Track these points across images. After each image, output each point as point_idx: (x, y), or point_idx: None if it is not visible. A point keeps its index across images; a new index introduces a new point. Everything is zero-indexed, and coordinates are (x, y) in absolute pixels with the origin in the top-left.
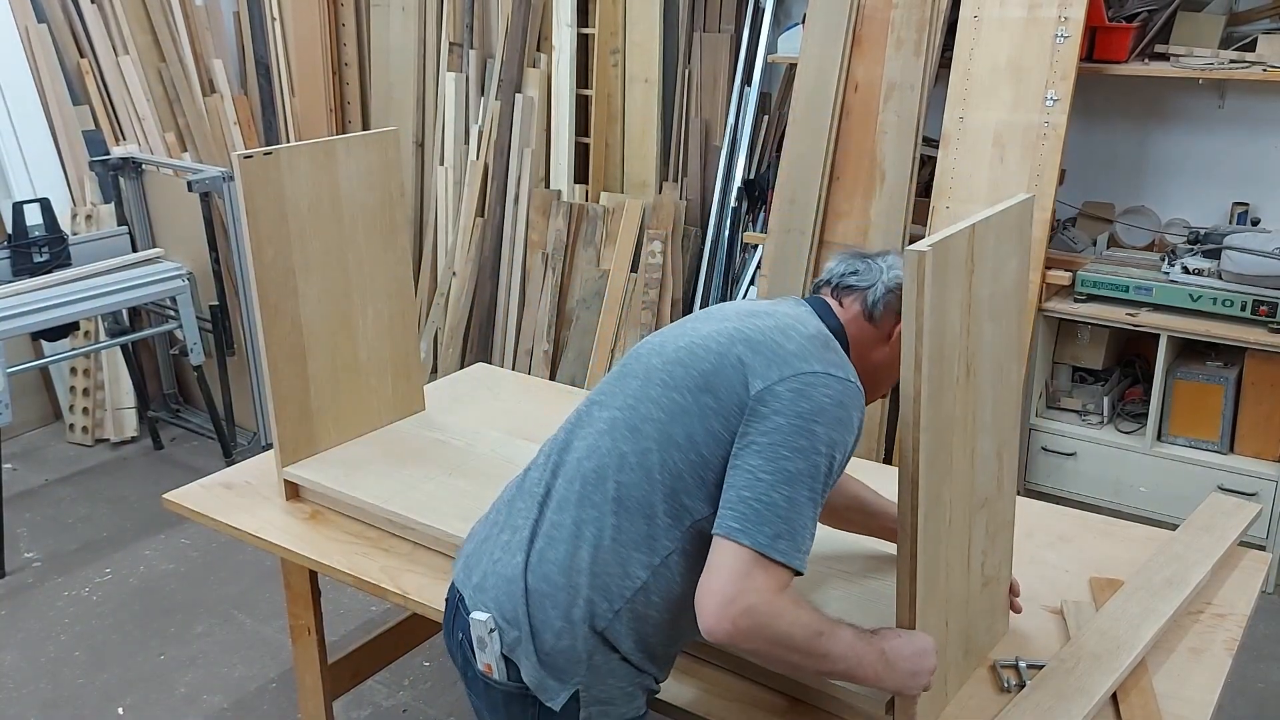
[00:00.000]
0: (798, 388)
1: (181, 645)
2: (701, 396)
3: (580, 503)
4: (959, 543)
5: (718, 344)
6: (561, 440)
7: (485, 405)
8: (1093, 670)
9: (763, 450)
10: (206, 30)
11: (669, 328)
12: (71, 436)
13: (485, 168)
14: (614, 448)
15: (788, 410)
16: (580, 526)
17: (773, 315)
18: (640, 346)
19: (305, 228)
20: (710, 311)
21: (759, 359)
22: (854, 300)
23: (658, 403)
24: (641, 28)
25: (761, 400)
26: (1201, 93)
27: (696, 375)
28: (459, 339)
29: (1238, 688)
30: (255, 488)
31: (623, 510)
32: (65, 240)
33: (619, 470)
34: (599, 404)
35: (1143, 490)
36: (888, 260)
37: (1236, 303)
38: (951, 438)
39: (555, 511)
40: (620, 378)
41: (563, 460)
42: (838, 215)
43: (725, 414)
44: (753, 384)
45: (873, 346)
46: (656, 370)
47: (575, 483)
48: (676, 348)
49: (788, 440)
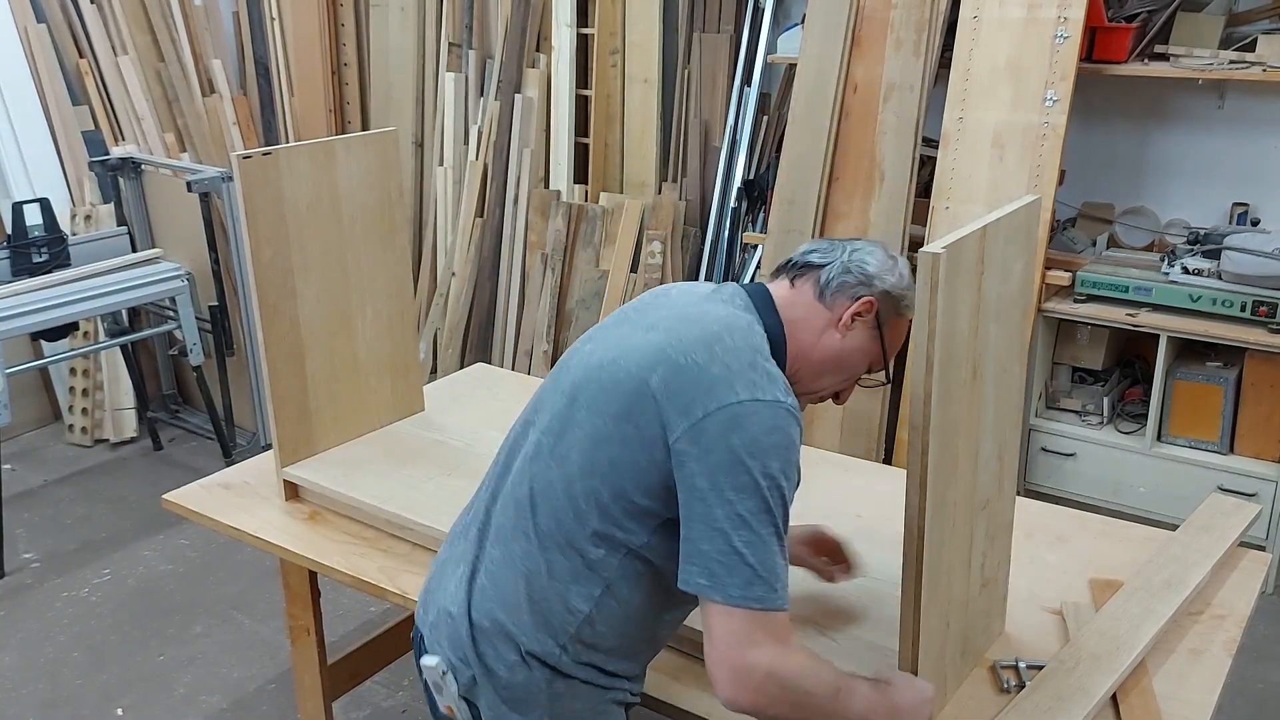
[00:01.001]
0: (725, 421)
1: (180, 646)
2: (622, 425)
3: (514, 535)
4: (961, 544)
5: (639, 366)
6: (501, 463)
7: (485, 405)
8: (1093, 671)
9: (708, 497)
10: (206, 30)
11: (607, 323)
12: (71, 437)
13: (485, 168)
14: (542, 474)
15: (719, 447)
16: (516, 560)
17: (702, 320)
18: (576, 349)
19: (304, 228)
20: (647, 304)
21: (679, 389)
22: (807, 279)
23: (581, 427)
24: (641, 28)
25: (690, 439)
26: (1201, 93)
27: (618, 401)
28: (458, 339)
29: (1237, 688)
30: (254, 488)
31: (553, 543)
32: (65, 240)
33: (547, 499)
34: (532, 424)
35: (1142, 491)
36: (855, 244)
37: (1236, 303)
38: (957, 439)
39: (494, 544)
40: (552, 391)
41: (500, 487)
42: (837, 216)
43: (647, 444)
44: (674, 421)
45: (820, 332)
46: (581, 389)
47: (509, 512)
48: (601, 363)
49: (730, 480)
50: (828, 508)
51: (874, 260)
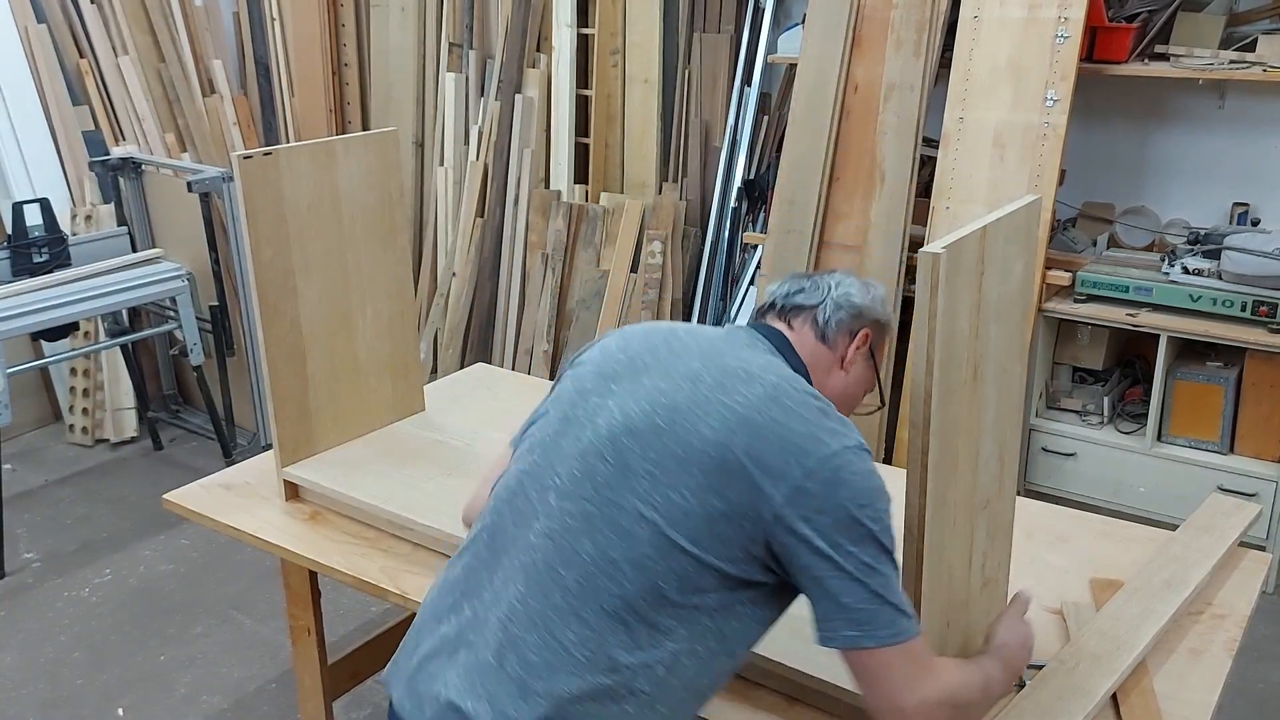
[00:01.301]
0: (827, 478)
1: (181, 646)
2: (707, 497)
3: (566, 618)
4: (961, 544)
5: (714, 431)
6: (508, 531)
7: (485, 406)
8: (1093, 671)
9: (832, 556)
10: (206, 30)
11: (615, 370)
12: (71, 437)
13: (485, 168)
14: (600, 554)
15: (829, 507)
16: (571, 649)
17: (752, 370)
18: (596, 403)
19: (304, 228)
20: (660, 350)
21: (767, 452)
22: (804, 321)
23: (648, 499)
24: (641, 28)
25: (794, 503)
26: (1201, 93)
27: (698, 473)
28: (459, 339)
29: (1238, 688)
30: (255, 488)
31: (618, 623)
32: (65, 240)
33: (612, 579)
34: (556, 490)
35: (1142, 491)
36: (834, 277)
37: (1236, 303)
38: (957, 440)
39: (527, 629)
40: (574, 451)
41: (517, 561)
42: (837, 216)
43: (738, 516)
44: (770, 488)
45: (828, 372)
46: (634, 455)
47: (554, 594)
48: (654, 427)
49: (848, 536)
50: None
51: (857, 291)
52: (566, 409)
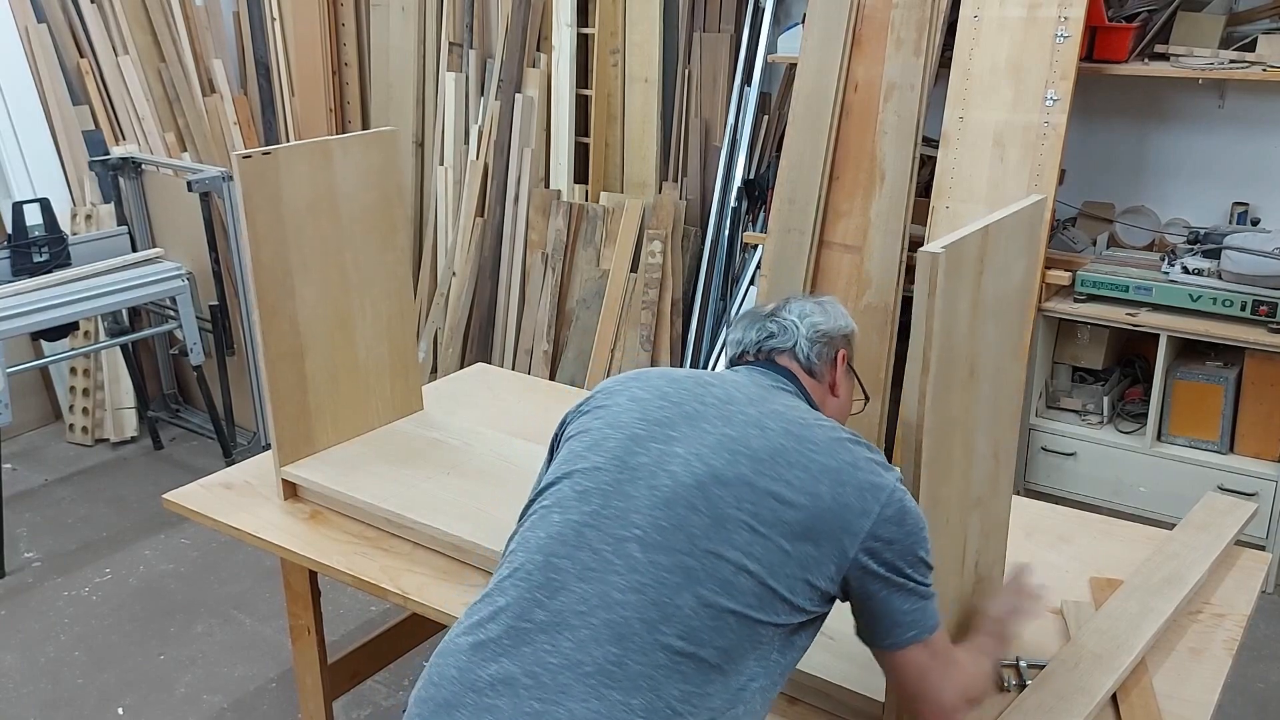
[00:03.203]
0: (894, 513)
1: (181, 645)
2: (801, 545)
3: (671, 676)
4: (954, 542)
5: (801, 481)
6: (571, 588)
7: (484, 405)
8: (1093, 670)
9: (897, 576)
10: (206, 30)
11: (668, 417)
12: (71, 436)
13: (485, 167)
14: (703, 606)
15: (897, 534)
16: (676, 706)
17: (801, 414)
18: (659, 450)
19: (304, 228)
20: (707, 400)
21: (846, 495)
22: (788, 360)
23: (749, 552)
24: (641, 28)
25: (874, 536)
26: (1201, 93)
27: (793, 522)
28: (459, 339)
29: (1238, 688)
30: (255, 488)
31: (719, 672)
32: (65, 240)
33: (717, 632)
34: (640, 541)
35: (1142, 490)
36: (791, 311)
37: (1236, 303)
38: (952, 438)
39: (630, 693)
40: (667, 506)
41: (597, 620)
42: (837, 215)
43: (825, 561)
44: (853, 526)
45: (823, 399)
46: (730, 508)
47: (656, 653)
48: (741, 477)
49: (908, 560)
50: None
51: (819, 317)
52: (622, 455)
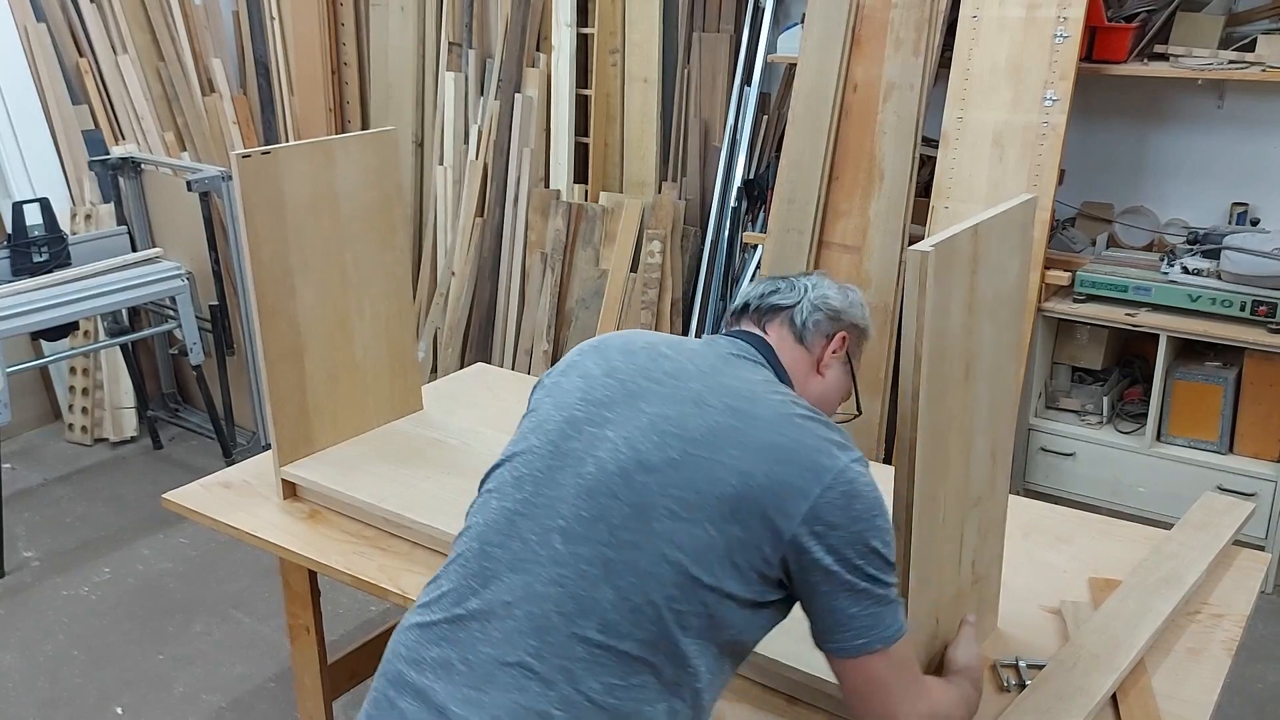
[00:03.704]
0: (841, 494)
1: (180, 645)
2: (729, 528)
3: (592, 669)
4: (951, 541)
5: (734, 460)
6: (503, 579)
7: (484, 405)
8: (1092, 670)
9: (843, 569)
10: (205, 30)
11: (607, 396)
12: (70, 436)
13: (485, 168)
14: (623, 600)
15: (844, 519)
16: (597, 700)
17: (754, 385)
18: (592, 432)
19: (303, 227)
20: (650, 370)
21: (786, 474)
22: (780, 322)
23: (671, 540)
24: (641, 28)
25: (813, 520)
26: (1200, 93)
27: (719, 505)
28: (458, 339)
29: (1237, 688)
30: (254, 487)
31: (648, 666)
32: (65, 240)
33: (637, 624)
34: (562, 533)
35: (1142, 490)
36: (810, 279)
37: (1236, 303)
38: (948, 437)
39: (548, 685)
40: (574, 486)
41: (521, 612)
42: (837, 215)
43: (756, 544)
44: (790, 508)
45: (806, 376)
46: (653, 495)
47: (575, 647)
48: (668, 461)
49: (859, 549)
50: None
51: (834, 294)
52: (557, 440)
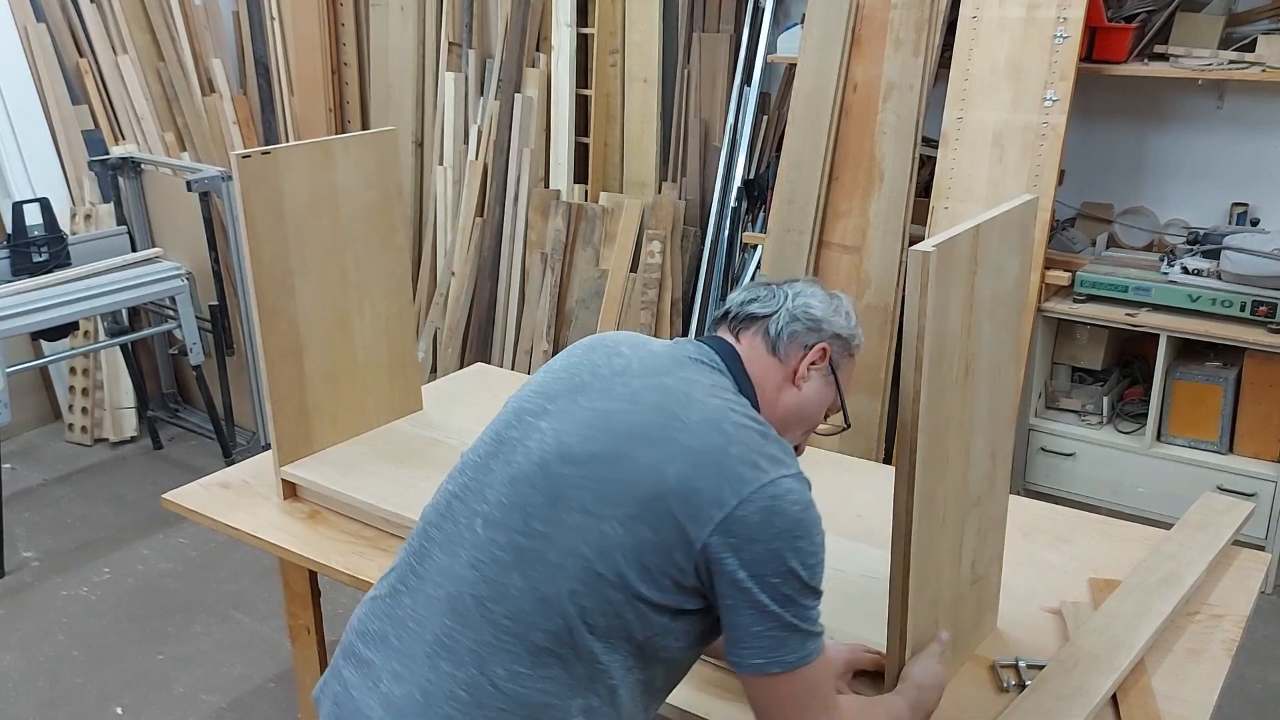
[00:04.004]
0: (763, 506)
1: (180, 645)
2: (637, 529)
3: (499, 655)
4: (951, 541)
5: (649, 460)
6: (434, 558)
7: (483, 405)
8: (1092, 670)
9: (751, 588)
10: (205, 30)
11: (555, 389)
12: (70, 436)
13: (484, 168)
14: (531, 589)
15: (762, 535)
16: (501, 686)
17: (693, 392)
18: (530, 423)
19: (303, 227)
20: (601, 367)
21: (702, 480)
22: (755, 332)
23: (580, 534)
24: (641, 28)
25: (725, 532)
26: (1200, 93)
27: (628, 502)
28: (458, 339)
29: (1237, 688)
30: (254, 487)
31: (556, 659)
32: (65, 240)
33: (544, 615)
34: (484, 518)
35: (1142, 491)
36: (794, 287)
37: (1236, 303)
38: (948, 437)
39: (456, 666)
40: (504, 474)
41: (442, 592)
42: (837, 215)
43: (666, 549)
44: (703, 514)
45: (779, 388)
46: (569, 487)
47: (484, 631)
48: (592, 454)
49: (775, 568)
50: (828, 508)
51: (818, 303)
52: (500, 429)
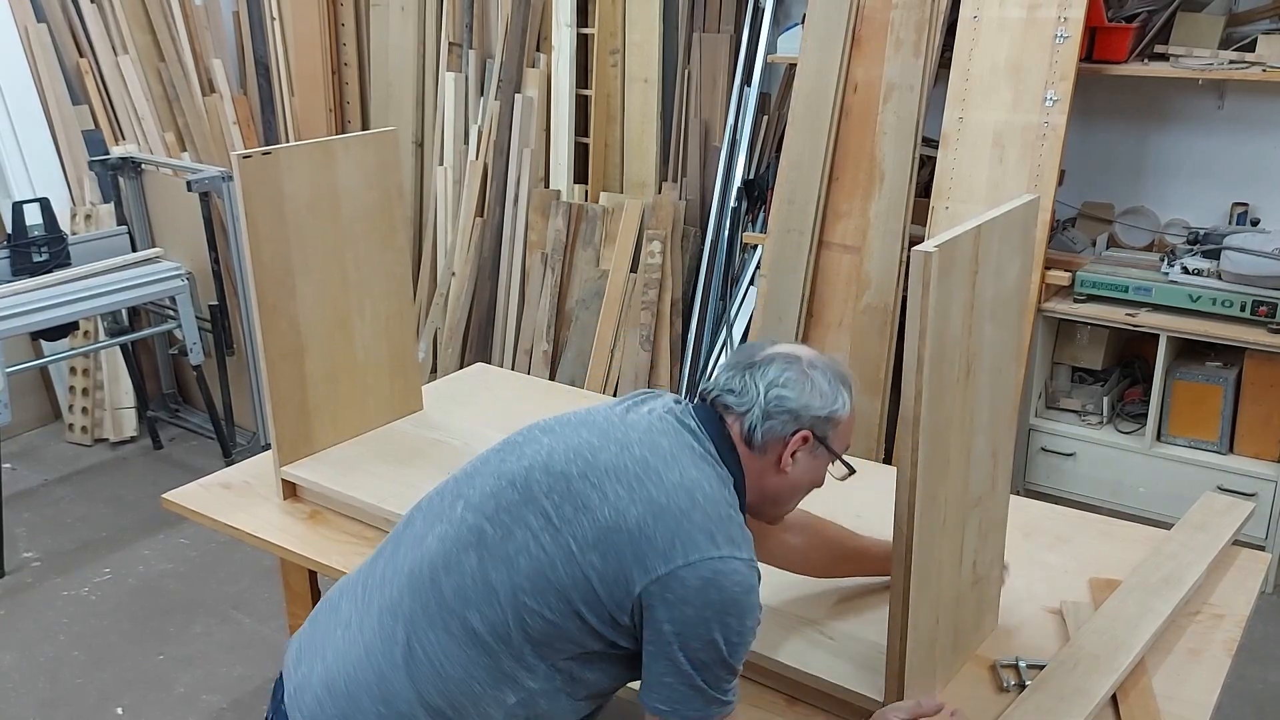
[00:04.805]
0: (704, 577)
1: (180, 645)
2: (588, 553)
3: (434, 625)
4: (952, 541)
5: (616, 497)
6: (415, 527)
7: (483, 405)
8: (1093, 671)
9: (673, 643)
10: (206, 30)
11: (566, 418)
12: (71, 436)
13: (485, 168)
14: (481, 572)
15: (696, 600)
16: (433, 658)
17: (679, 463)
18: (530, 435)
19: (304, 227)
20: (610, 417)
21: (658, 531)
22: (735, 421)
23: (537, 535)
24: (641, 28)
25: (663, 586)
26: (1201, 93)
27: (587, 527)
28: (458, 339)
29: (1237, 688)
30: (254, 487)
31: (479, 644)
32: (65, 240)
33: (484, 599)
34: (465, 500)
35: (1142, 491)
36: (766, 375)
37: (1236, 303)
38: (949, 437)
39: (395, 625)
40: (496, 473)
41: (409, 557)
42: (837, 215)
43: (609, 583)
44: (649, 563)
45: (763, 474)
46: (539, 493)
47: (429, 600)
48: (566, 474)
49: (698, 636)
50: (828, 507)
51: (791, 390)
52: (513, 435)
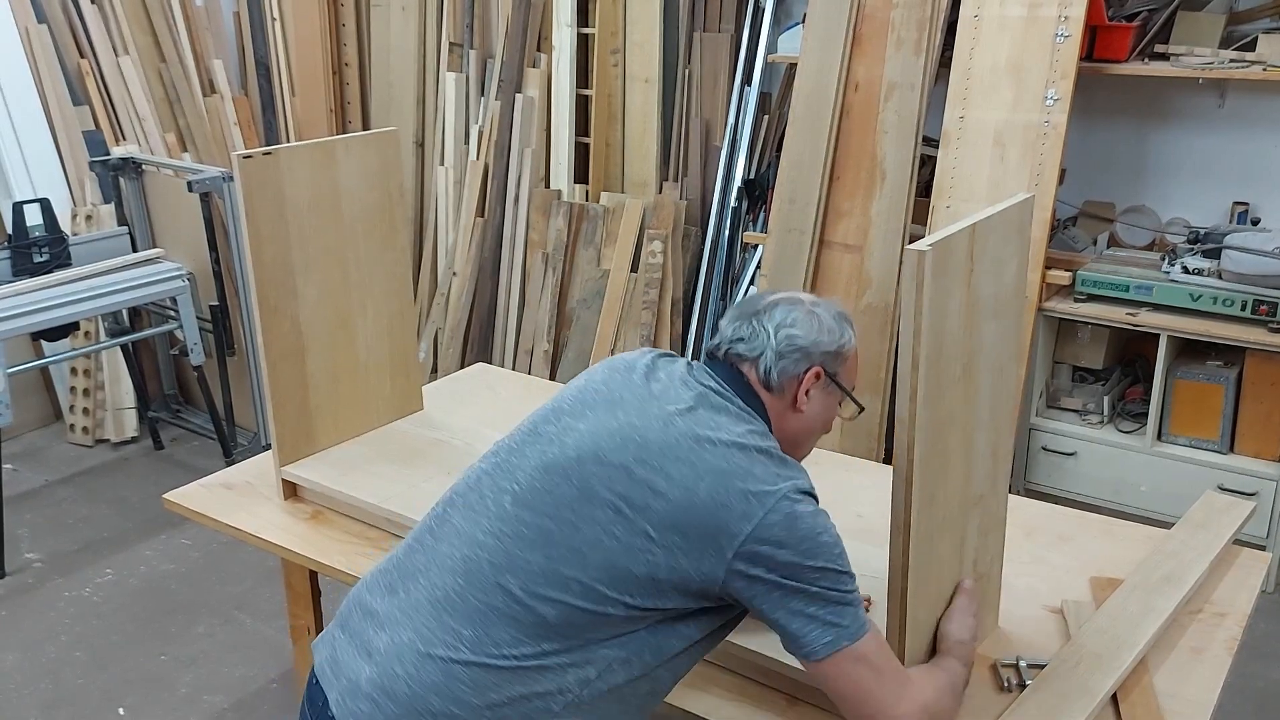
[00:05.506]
0: (782, 519)
1: (182, 645)
2: (668, 535)
3: (505, 620)
4: (952, 539)
5: (682, 475)
6: (454, 523)
7: (484, 405)
8: (1094, 670)
9: (789, 584)
10: (206, 30)
11: (594, 398)
12: (72, 437)
13: (485, 168)
14: (552, 569)
15: (788, 540)
16: (506, 649)
17: (720, 426)
18: (566, 423)
19: (305, 228)
20: (639, 392)
21: (730, 494)
22: (750, 369)
23: (610, 531)
24: (641, 28)
25: (758, 540)
26: (1201, 92)
27: (661, 512)
28: (459, 339)
29: (1238, 687)
30: (255, 488)
31: (560, 636)
32: (65, 240)
33: (564, 593)
34: (513, 496)
35: (1143, 490)
36: (773, 318)
37: (1236, 302)
38: (948, 436)
39: (464, 623)
40: (538, 465)
41: (459, 554)
42: (838, 215)
43: (692, 554)
44: (735, 526)
45: (783, 415)
46: (602, 487)
47: (495, 595)
48: (623, 463)
49: (807, 566)
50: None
51: (800, 328)
52: (538, 422)
